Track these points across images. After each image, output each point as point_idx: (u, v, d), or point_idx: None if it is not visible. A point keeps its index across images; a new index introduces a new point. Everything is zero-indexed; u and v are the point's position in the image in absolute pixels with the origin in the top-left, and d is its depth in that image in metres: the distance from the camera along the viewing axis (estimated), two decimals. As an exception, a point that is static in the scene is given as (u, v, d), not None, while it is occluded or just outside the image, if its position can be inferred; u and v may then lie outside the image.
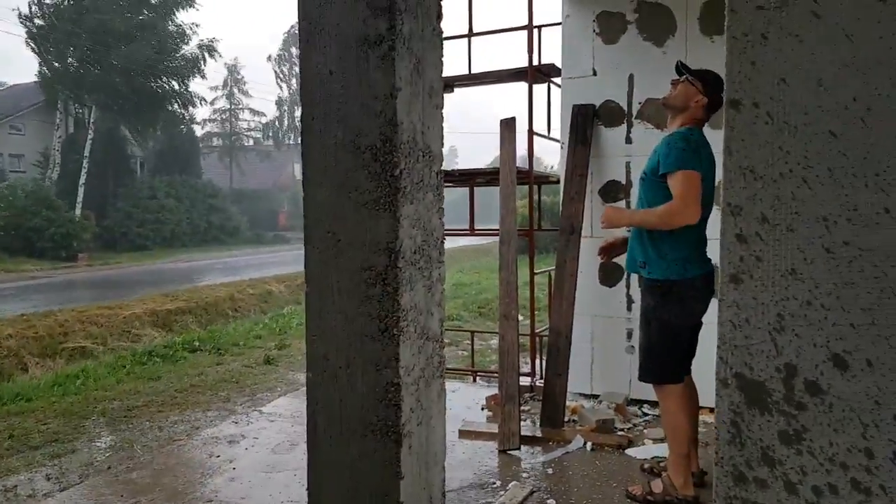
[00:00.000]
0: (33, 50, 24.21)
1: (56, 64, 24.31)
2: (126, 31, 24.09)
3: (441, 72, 1.62)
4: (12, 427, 5.48)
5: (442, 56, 1.62)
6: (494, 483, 3.20)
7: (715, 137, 3.86)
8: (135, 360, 8.26)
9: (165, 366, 7.99)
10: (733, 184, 0.84)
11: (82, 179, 24.60)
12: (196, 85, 27.98)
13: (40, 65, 24.71)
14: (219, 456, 3.72)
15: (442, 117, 1.63)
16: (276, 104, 40.44)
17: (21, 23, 23.81)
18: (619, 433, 3.78)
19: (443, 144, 1.64)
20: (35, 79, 25.77)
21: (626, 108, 4.14)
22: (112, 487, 3.45)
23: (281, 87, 40.67)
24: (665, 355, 2.84)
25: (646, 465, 3.25)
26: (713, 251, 2.71)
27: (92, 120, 25.41)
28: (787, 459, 0.83)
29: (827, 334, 0.82)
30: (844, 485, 0.81)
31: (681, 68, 2.92)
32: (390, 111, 1.41)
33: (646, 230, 2.84)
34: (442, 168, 1.63)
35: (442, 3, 1.63)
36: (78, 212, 23.98)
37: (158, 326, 11.68)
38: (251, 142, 42.93)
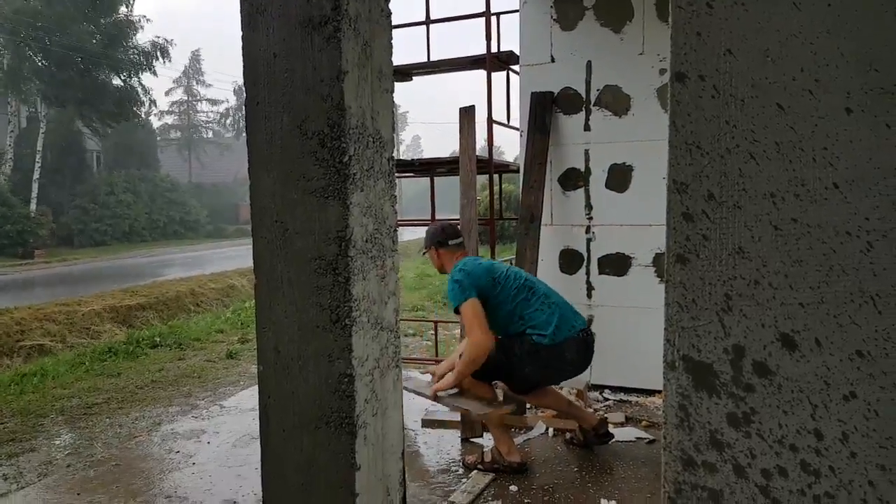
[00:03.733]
0: None
1: (7, 56, 23.49)
2: (68, 19, 23.39)
3: (390, 55, 1.58)
4: (-31, 425, 5.31)
5: (391, 38, 1.58)
6: (458, 470, 3.20)
7: (664, 117, 3.91)
8: (94, 356, 8.08)
9: (126, 362, 7.82)
10: (679, 160, 0.82)
11: (36, 174, 23.87)
12: (151, 79, 27.50)
13: None
14: (178, 451, 3.65)
15: (392, 102, 1.59)
16: (235, 93, 39.47)
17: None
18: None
19: (394, 130, 1.60)
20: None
21: (584, 95, 4.15)
22: (70, 486, 3.36)
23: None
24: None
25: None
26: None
27: (43, 113, 24.64)
28: (736, 442, 0.82)
29: (775, 314, 0.80)
30: (794, 467, 0.80)
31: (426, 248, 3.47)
32: (337, 95, 1.36)
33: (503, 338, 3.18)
34: (393, 155, 1.60)
35: (390, -16, 1.58)
36: (33, 207, 23.30)
37: (118, 322, 11.43)
38: (210, 134, 42.13)
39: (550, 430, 3.68)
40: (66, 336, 10.37)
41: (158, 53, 26.91)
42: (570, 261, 4.26)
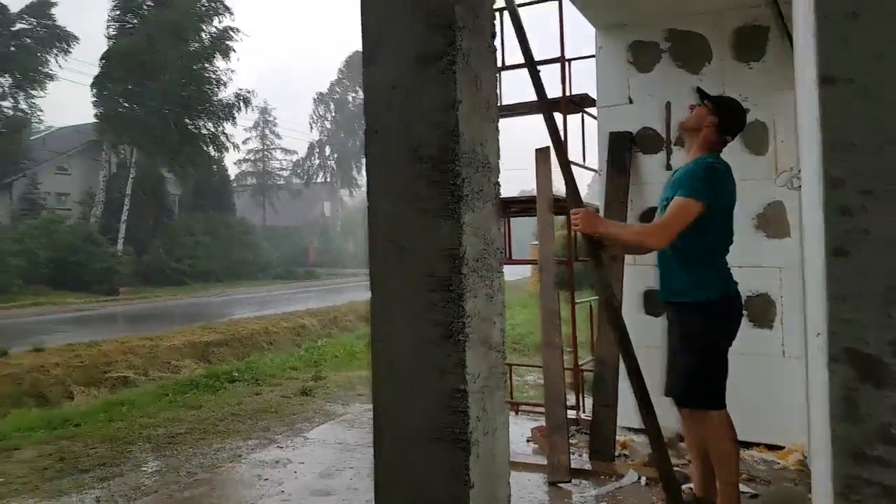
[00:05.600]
0: (95, 94, 25.41)
1: (106, 107, 25.38)
2: (164, 73, 25.07)
3: (496, 88, 1.68)
4: (62, 450, 5.65)
5: (496, 73, 1.68)
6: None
7: (756, 164, 3.88)
8: (176, 389, 8.43)
9: (206, 395, 8.11)
10: (832, 158, 0.86)
11: (124, 216, 25.33)
12: (229, 127, 29.14)
13: (95, 106, 25.81)
14: (267, 479, 3.75)
15: (498, 131, 1.69)
16: (309, 147, 41.73)
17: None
18: (675, 468, 3.67)
19: (499, 158, 1.69)
20: (79, 121, 26.98)
21: (664, 134, 4.17)
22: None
23: (312, 128, 41.83)
24: (713, 377, 2.82)
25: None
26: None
27: (133, 160, 26.28)
28: None
29: None
30: None
31: (698, 92, 3.02)
32: (452, 122, 1.47)
33: (677, 260, 2.86)
34: (499, 181, 1.68)
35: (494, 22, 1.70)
36: (119, 247, 24.65)
37: (196, 358, 11.87)
38: (282, 181, 43.97)
39: (643, 478, 3.54)
40: (149, 369, 10.83)
41: (242, 104, 28.47)
42: (654, 302, 4.20)
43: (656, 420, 2.56)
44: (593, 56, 4.50)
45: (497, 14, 1.88)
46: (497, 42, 1.64)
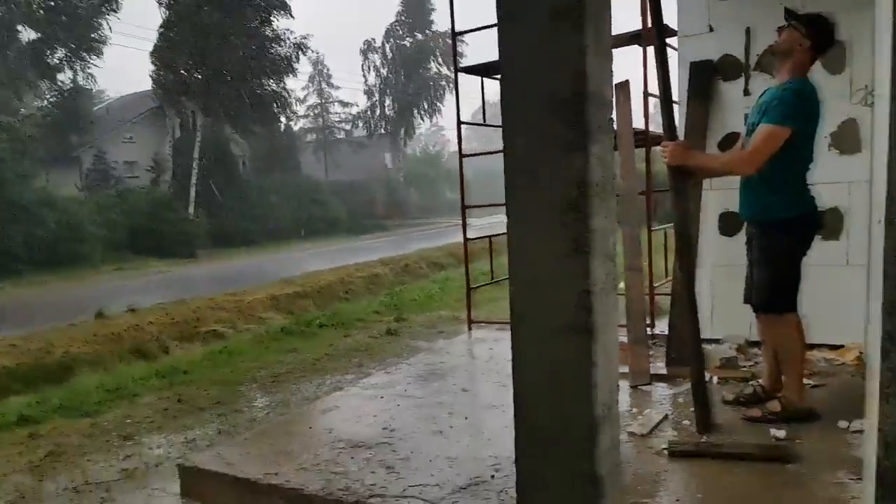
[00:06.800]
0: (154, 61, 26.04)
1: (168, 72, 25.99)
2: (225, 36, 25.45)
3: (610, 34, 1.93)
4: (178, 394, 6.23)
5: (610, 23, 1.93)
6: (632, 410, 3.51)
7: (832, 83, 3.96)
8: (270, 336, 9.03)
9: (298, 340, 8.71)
10: None
11: (194, 180, 26.26)
12: (291, 83, 29.32)
13: (156, 73, 26.46)
14: (382, 396, 4.14)
15: (612, 74, 1.94)
16: (366, 94, 41.09)
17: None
18: (742, 369, 3.98)
19: (612, 94, 1.95)
20: (142, 88, 27.68)
21: (743, 60, 4.28)
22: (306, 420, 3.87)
23: (366, 77, 41.25)
24: (790, 285, 3.08)
25: (730, 398, 3.46)
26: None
27: (199, 124, 27.04)
28: None
29: None
30: None
31: (786, 15, 3.08)
32: (581, 66, 1.74)
33: (761, 181, 3.05)
34: (612, 115, 1.95)
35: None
36: (191, 211, 25.66)
37: (279, 310, 12.49)
38: (342, 134, 44.25)
39: (714, 378, 3.87)
40: (236, 323, 11.49)
41: (299, 52, 28.58)
42: (730, 223, 4.41)
43: (699, 333, 3.14)
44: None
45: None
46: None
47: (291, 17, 28.03)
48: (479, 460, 2.95)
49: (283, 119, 30.91)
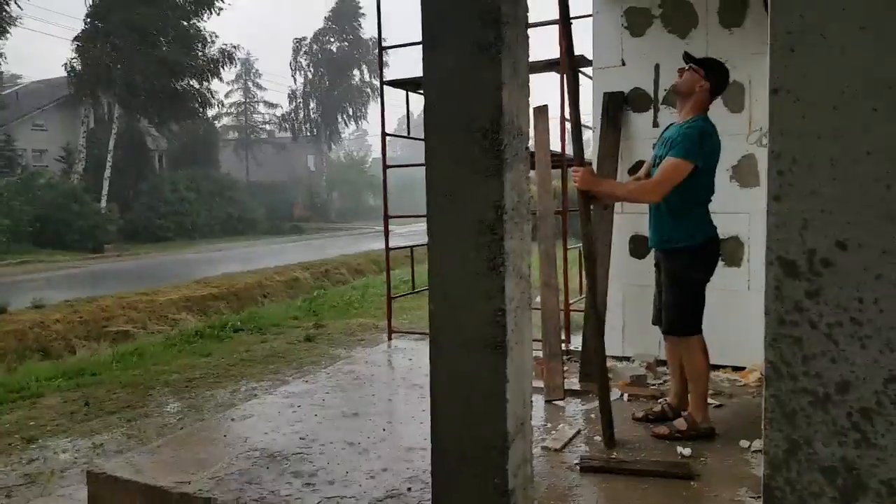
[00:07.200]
0: (75, 50, 24.85)
1: (87, 62, 24.86)
2: (150, 31, 24.63)
3: (527, 69, 2.06)
4: (86, 396, 6.00)
5: (528, 56, 2.06)
6: (546, 425, 3.67)
7: (733, 120, 4.29)
8: (183, 339, 8.79)
9: (213, 344, 8.51)
10: (776, 142, 1.30)
11: (107, 173, 25.18)
12: (215, 83, 28.74)
13: (74, 61, 25.27)
14: (300, 406, 4.14)
15: (528, 104, 2.07)
16: (291, 96, 40.59)
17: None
18: (651, 386, 4.23)
19: (529, 125, 2.08)
20: (54, 76, 26.32)
21: (652, 94, 4.57)
22: (220, 427, 3.75)
23: (295, 80, 40.78)
24: (695, 309, 3.31)
25: (639, 415, 3.68)
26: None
27: (115, 115, 25.98)
28: (811, 307, 1.29)
29: (835, 230, 1.30)
30: (847, 321, 1.28)
31: (686, 57, 3.36)
32: (499, 100, 1.85)
33: (667, 211, 3.30)
34: (528, 145, 2.08)
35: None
36: (103, 204, 24.58)
37: (193, 311, 12.17)
38: (265, 134, 43.48)
39: (625, 396, 4.09)
40: (147, 323, 11.12)
41: (226, 60, 28.13)
42: (639, 246, 4.67)
43: (604, 352, 3.43)
44: (590, 16, 4.84)
45: None
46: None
47: (217, 15, 27.46)
48: (397, 473, 3.00)
49: (203, 116, 30.04)
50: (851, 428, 1.28)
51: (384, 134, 5.85)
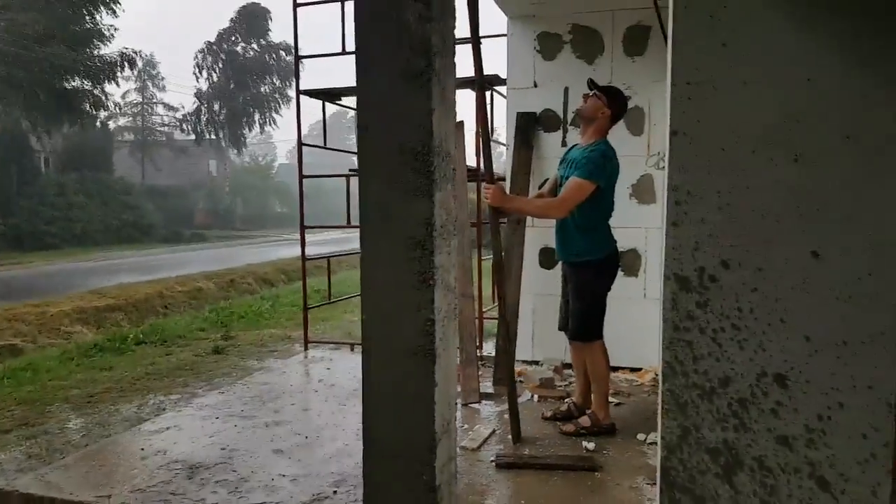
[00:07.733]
0: None
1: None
2: (39, 29, 23.19)
3: (455, 94, 2.22)
4: (-24, 414, 5.64)
5: (455, 83, 2.22)
6: (463, 426, 3.84)
7: (634, 142, 4.66)
8: (81, 353, 8.38)
9: (114, 357, 8.18)
10: (674, 176, 1.53)
11: (-16, 176, 23.42)
12: (111, 86, 27.35)
13: None
14: (217, 418, 4.11)
15: (454, 127, 2.23)
16: (196, 96, 38.96)
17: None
18: (559, 388, 4.52)
19: (455, 147, 2.24)
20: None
21: (562, 116, 4.88)
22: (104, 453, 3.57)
23: (198, 79, 39.21)
24: (597, 316, 3.60)
25: (548, 415, 3.96)
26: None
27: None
28: (700, 316, 1.53)
29: (719, 251, 1.54)
30: (728, 326, 1.52)
31: (590, 84, 3.66)
32: (428, 124, 2.00)
33: (573, 227, 3.58)
34: (455, 166, 2.24)
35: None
36: (-20, 209, 22.84)
37: (89, 324, 11.57)
38: (163, 137, 41.63)
39: (535, 397, 4.35)
40: (37, 336, 10.49)
41: (126, 64, 26.84)
42: (548, 258, 4.96)
43: (513, 359, 3.73)
44: (504, 35, 5.10)
45: None
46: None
47: (115, 15, 26.18)
48: (321, 477, 3.08)
49: (95, 116, 28.47)
50: (731, 415, 1.54)
51: (300, 144, 5.88)
